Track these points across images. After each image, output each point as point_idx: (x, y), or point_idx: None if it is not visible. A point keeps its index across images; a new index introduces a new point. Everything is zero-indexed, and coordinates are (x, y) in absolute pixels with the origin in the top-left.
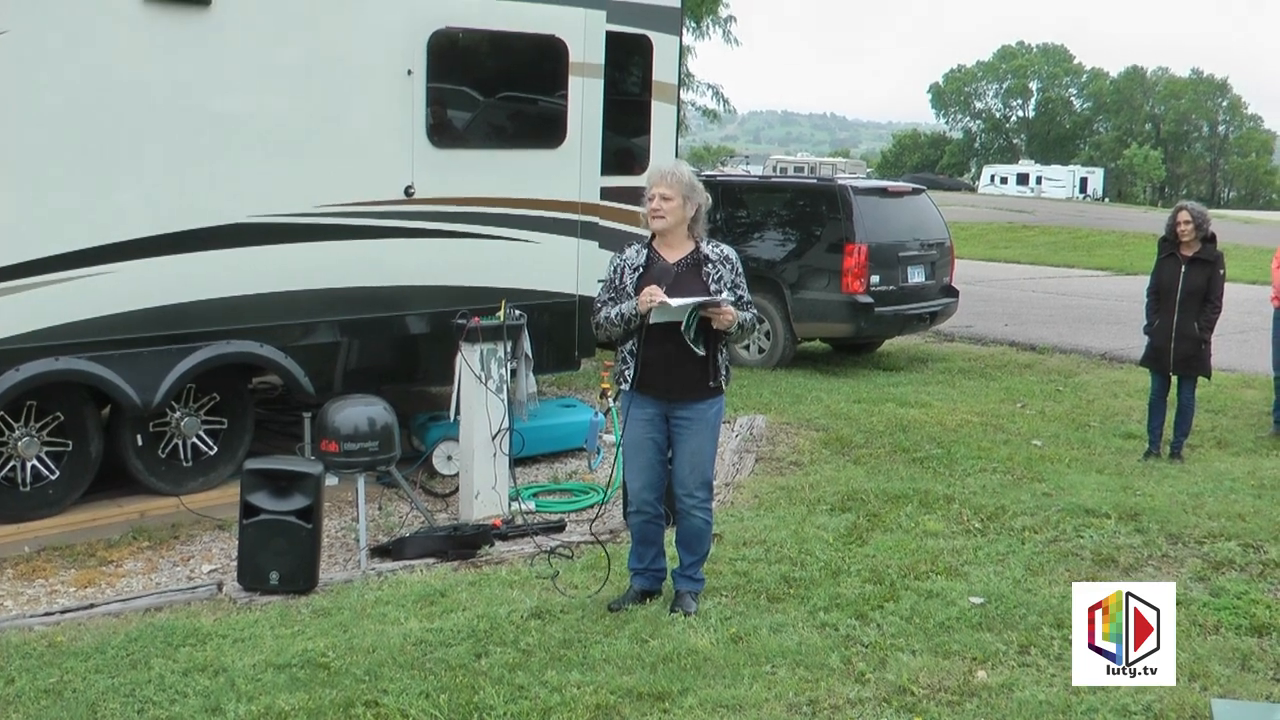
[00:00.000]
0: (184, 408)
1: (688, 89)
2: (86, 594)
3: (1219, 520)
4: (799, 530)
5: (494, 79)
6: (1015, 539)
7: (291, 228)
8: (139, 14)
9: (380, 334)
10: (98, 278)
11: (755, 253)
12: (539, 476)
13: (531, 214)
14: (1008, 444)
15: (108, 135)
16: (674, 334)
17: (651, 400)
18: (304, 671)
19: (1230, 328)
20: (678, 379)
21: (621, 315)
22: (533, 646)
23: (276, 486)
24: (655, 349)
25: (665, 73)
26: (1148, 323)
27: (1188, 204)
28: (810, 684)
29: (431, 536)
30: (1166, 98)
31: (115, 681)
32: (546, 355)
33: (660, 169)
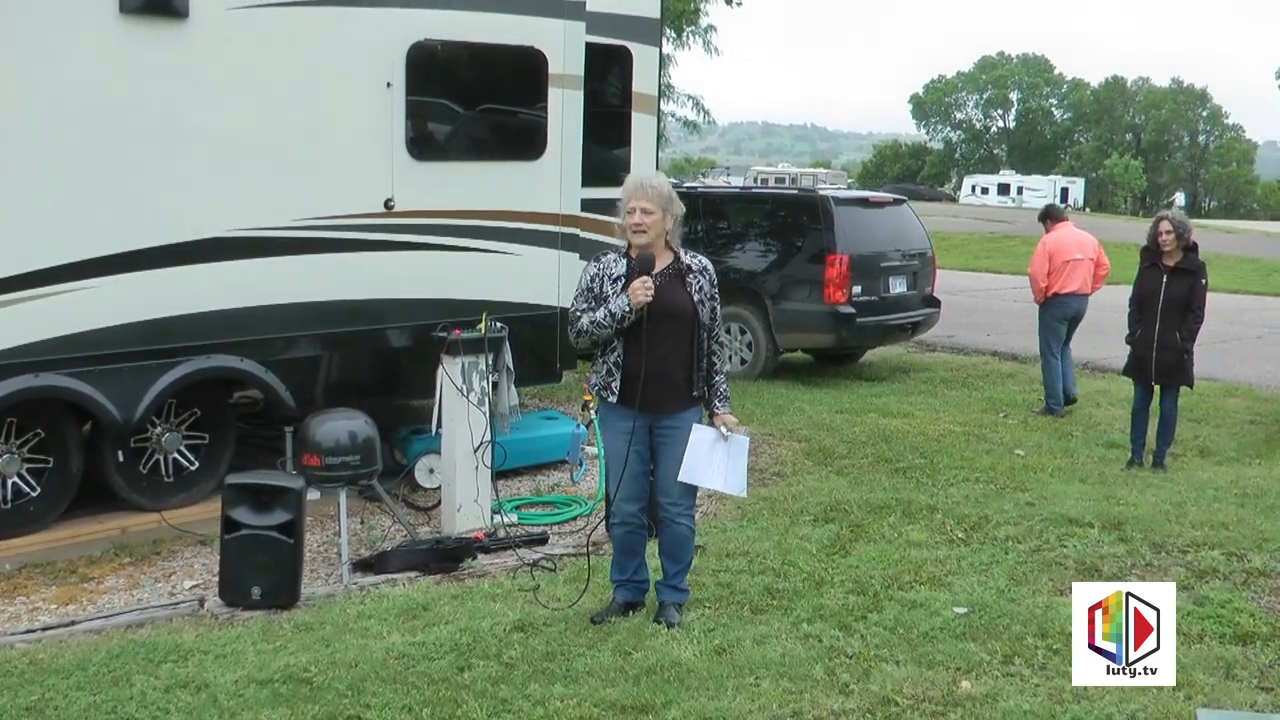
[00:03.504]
0: (165, 423)
1: (668, 100)
2: (68, 611)
3: (1202, 529)
4: (782, 541)
5: (473, 91)
6: (999, 549)
7: (271, 241)
8: (116, 27)
9: (361, 347)
10: (77, 293)
11: (737, 264)
12: (521, 489)
13: (512, 226)
14: (990, 454)
15: (85, 149)
16: (660, 345)
17: (635, 412)
18: (286, 687)
19: (1212, 337)
20: (664, 390)
21: (611, 315)
22: (516, 660)
23: (258, 501)
24: (641, 362)
25: (645, 84)
26: (1130, 333)
27: (1169, 213)
28: (794, 695)
29: (414, 550)
30: (1147, 107)
31: (97, 699)
32: (528, 367)
33: (638, 182)
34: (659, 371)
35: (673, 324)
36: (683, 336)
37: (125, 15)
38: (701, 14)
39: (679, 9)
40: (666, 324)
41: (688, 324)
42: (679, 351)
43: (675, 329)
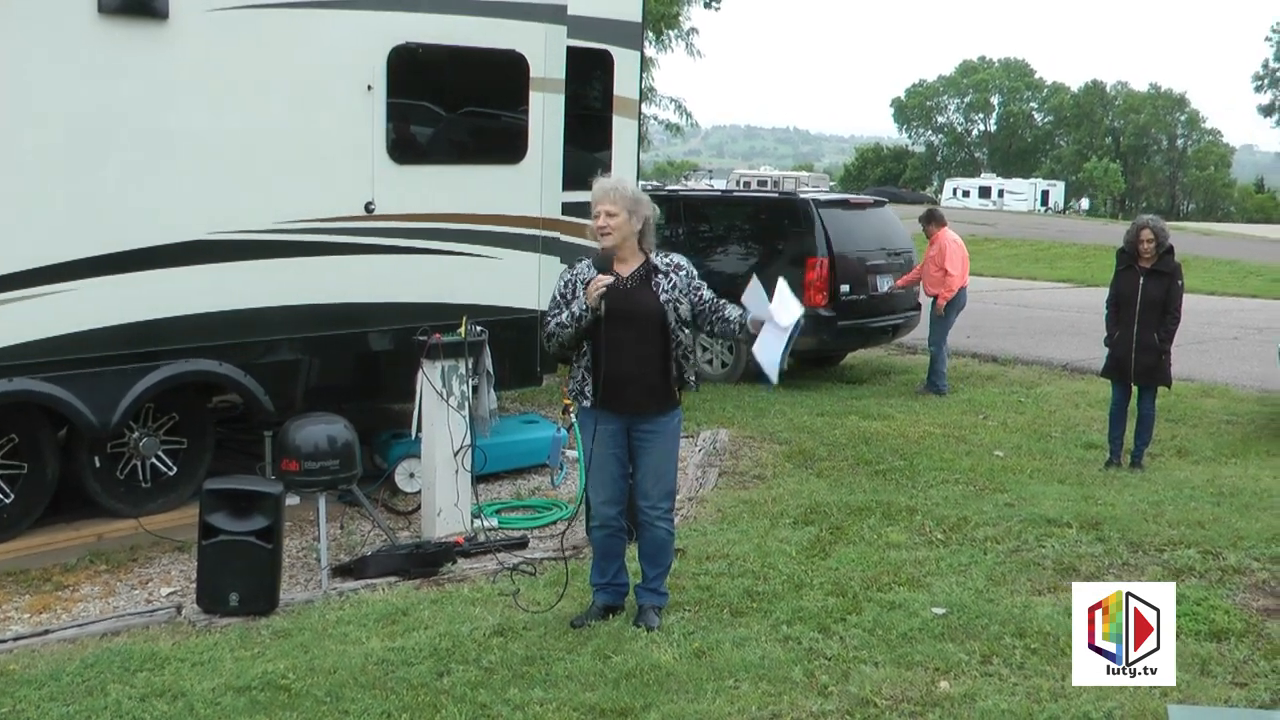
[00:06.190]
0: (142, 428)
1: (650, 103)
2: (41, 620)
3: (1179, 528)
4: (762, 544)
5: (454, 94)
6: (977, 549)
7: (251, 244)
8: (95, 28)
9: (341, 351)
10: (53, 296)
11: (719, 267)
12: (501, 493)
13: (493, 229)
14: (970, 455)
15: (62, 150)
16: (631, 348)
17: (613, 415)
18: (264, 694)
19: (1188, 338)
20: (637, 394)
21: (572, 315)
22: (495, 664)
23: (236, 507)
24: (614, 365)
25: (626, 88)
26: (1108, 334)
27: (1150, 221)
28: (773, 698)
29: (393, 555)
30: (1126, 111)
31: (70, 709)
32: (508, 371)
33: (602, 186)
34: (632, 374)
35: (639, 326)
36: (652, 339)
37: (104, 16)
38: (683, 17)
39: (660, 12)
40: (633, 326)
41: (655, 326)
42: (651, 354)
43: (643, 332)
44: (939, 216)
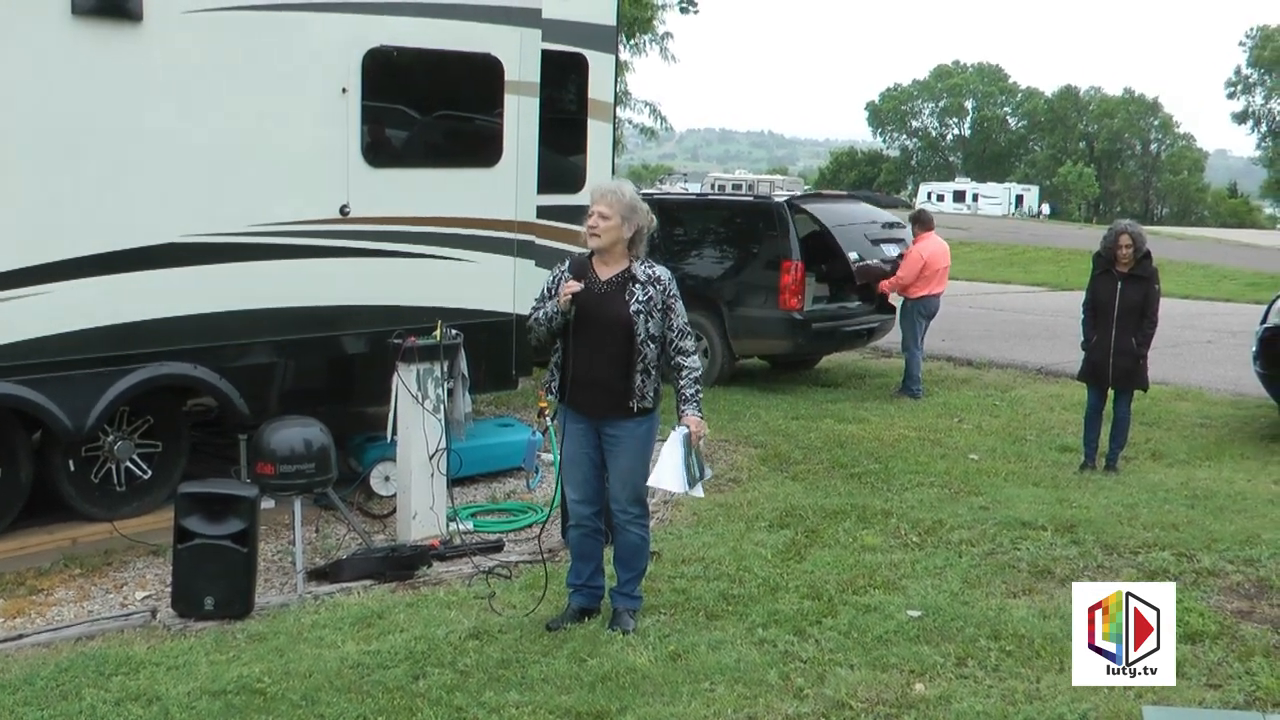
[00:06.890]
0: (117, 431)
1: (625, 107)
2: (15, 624)
3: (1153, 530)
4: (737, 547)
5: (429, 98)
6: (952, 552)
7: (225, 247)
8: (68, 29)
9: (316, 354)
10: (26, 299)
11: (693, 270)
12: (477, 496)
13: (467, 233)
14: (945, 458)
15: (34, 152)
16: (597, 352)
17: (582, 415)
18: (240, 698)
19: (1163, 342)
20: (600, 398)
21: (546, 314)
22: (471, 667)
23: (211, 510)
24: (580, 367)
25: (601, 91)
26: (1085, 338)
27: (1129, 227)
28: (749, 700)
29: (369, 558)
30: (1100, 116)
31: (45, 714)
32: (484, 374)
33: (602, 187)
34: (595, 378)
35: (608, 332)
36: (619, 346)
37: (78, 17)
38: (658, 21)
39: (634, 16)
40: (602, 331)
41: (622, 334)
42: (615, 360)
43: (612, 337)
44: (924, 220)
